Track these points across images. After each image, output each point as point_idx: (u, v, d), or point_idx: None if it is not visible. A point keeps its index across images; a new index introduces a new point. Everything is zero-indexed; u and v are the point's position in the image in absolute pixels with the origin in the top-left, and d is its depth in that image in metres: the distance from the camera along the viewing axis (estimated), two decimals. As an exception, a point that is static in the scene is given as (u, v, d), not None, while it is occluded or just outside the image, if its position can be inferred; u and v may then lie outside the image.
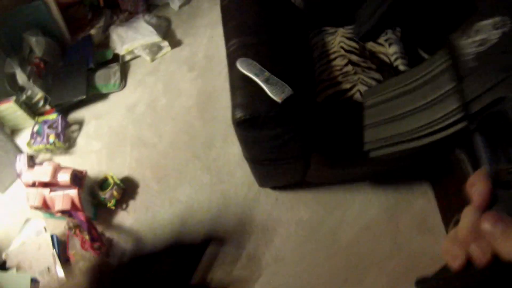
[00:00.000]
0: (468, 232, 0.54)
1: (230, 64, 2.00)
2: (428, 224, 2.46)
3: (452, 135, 1.18)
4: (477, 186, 0.56)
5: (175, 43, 3.78)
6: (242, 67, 1.88)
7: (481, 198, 0.55)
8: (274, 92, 1.76)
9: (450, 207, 2.35)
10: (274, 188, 2.73)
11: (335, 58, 2.28)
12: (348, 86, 2.15)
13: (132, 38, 3.68)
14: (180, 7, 4.09)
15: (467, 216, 0.56)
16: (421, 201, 2.53)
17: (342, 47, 2.30)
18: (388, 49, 2.37)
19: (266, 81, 1.80)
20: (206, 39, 3.71)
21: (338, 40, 2.35)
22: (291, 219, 2.62)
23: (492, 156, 0.59)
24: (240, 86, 1.89)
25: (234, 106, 1.84)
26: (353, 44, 2.31)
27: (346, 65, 2.23)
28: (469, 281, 0.54)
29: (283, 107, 1.76)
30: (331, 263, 2.44)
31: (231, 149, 2.95)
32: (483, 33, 0.79)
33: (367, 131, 1.52)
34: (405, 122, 1.37)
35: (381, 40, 2.38)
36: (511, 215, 0.50)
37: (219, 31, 2.35)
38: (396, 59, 2.30)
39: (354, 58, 2.25)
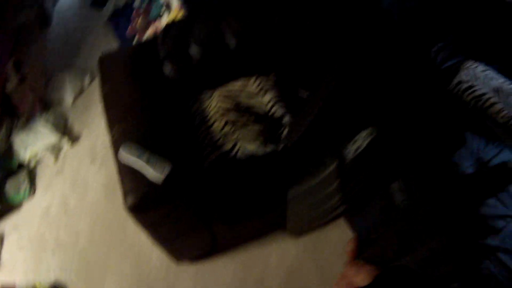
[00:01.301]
0: (341, 276, 0.93)
1: (115, 151, 2.05)
2: (349, 252, 2.51)
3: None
4: (348, 246, 1.01)
5: (74, 137, 3.80)
6: (124, 153, 1.95)
7: (350, 255, 0.99)
8: (156, 170, 1.83)
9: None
10: (192, 260, 2.73)
11: (214, 122, 2.36)
12: (230, 146, 2.22)
13: (33, 142, 3.67)
14: (74, 100, 4.13)
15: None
16: (337, 232, 2.58)
17: (219, 109, 2.39)
18: (263, 97, 2.47)
19: (147, 161, 1.87)
20: (102, 128, 3.50)
21: (214, 103, 2.44)
22: (216, 285, 2.65)
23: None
24: (127, 171, 1.94)
25: (124, 193, 1.88)
26: (228, 103, 2.41)
27: (224, 126, 2.31)
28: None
29: (166, 184, 1.82)
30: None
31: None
32: (358, 142, 1.03)
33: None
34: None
35: (255, 91, 2.49)
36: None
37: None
38: (272, 106, 2.42)
39: (232, 117, 2.34)
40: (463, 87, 3.04)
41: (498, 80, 3.16)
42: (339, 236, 2.58)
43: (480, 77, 3.14)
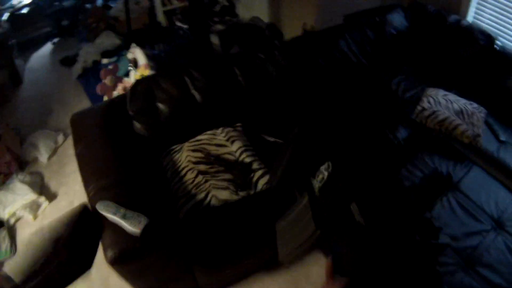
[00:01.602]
0: None
1: (92, 208, 2.12)
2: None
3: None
4: (326, 263, 1.19)
5: (51, 196, 3.83)
6: (101, 210, 2.03)
7: (327, 270, 1.17)
8: (132, 225, 1.93)
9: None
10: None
11: (186, 173, 2.48)
12: (203, 195, 2.36)
13: (11, 201, 3.70)
14: (49, 158, 4.19)
15: None
16: (316, 268, 2.71)
17: (189, 161, 2.52)
18: (231, 146, 2.62)
19: (124, 217, 1.96)
20: (79, 185, 3.61)
21: (185, 155, 2.56)
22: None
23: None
24: (105, 227, 2.03)
25: (104, 248, 1.97)
26: (198, 154, 2.54)
27: (196, 176, 2.44)
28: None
29: (144, 237, 1.92)
30: None
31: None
32: (321, 174, 1.16)
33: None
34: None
35: (223, 141, 2.64)
36: None
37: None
38: (241, 154, 2.58)
39: (202, 167, 2.48)
40: (426, 114, 3.23)
41: (459, 103, 3.34)
42: (319, 273, 2.70)
43: (441, 102, 3.33)
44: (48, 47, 6.48)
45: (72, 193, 3.80)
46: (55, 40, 6.59)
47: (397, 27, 4.09)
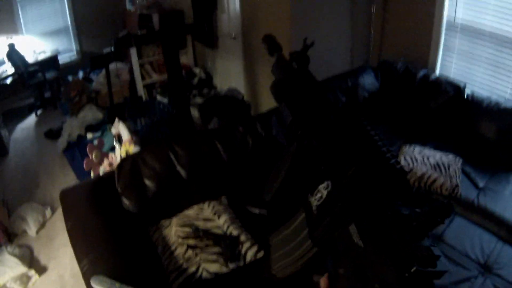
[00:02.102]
0: None
1: (87, 283, 2.17)
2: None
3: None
4: (322, 282, 1.23)
5: (41, 269, 3.82)
6: (96, 284, 2.08)
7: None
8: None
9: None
10: None
11: (176, 248, 2.57)
12: (194, 268, 2.45)
13: (1, 273, 3.67)
14: (38, 231, 4.22)
15: None
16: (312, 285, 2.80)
17: (179, 236, 2.61)
18: (219, 220, 2.74)
19: (118, 292, 2.09)
20: (69, 258, 3.76)
21: (174, 230, 2.66)
22: None
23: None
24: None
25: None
26: (187, 229, 2.63)
27: (186, 250, 2.54)
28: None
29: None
30: None
31: None
32: (320, 193, 1.29)
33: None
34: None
35: (210, 215, 2.78)
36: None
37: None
38: (228, 227, 2.68)
39: (191, 241, 2.58)
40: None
41: (435, 157, 3.52)
42: None
43: (418, 158, 3.53)
44: (32, 119, 6.62)
45: (62, 267, 3.80)
46: (39, 111, 6.73)
47: (369, 90, 4.29)
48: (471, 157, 3.71)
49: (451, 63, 4.44)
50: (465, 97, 4.03)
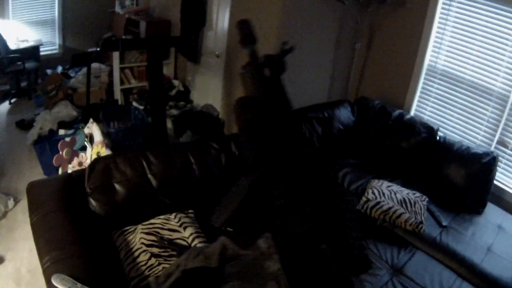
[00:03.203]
0: None
1: (47, 280, 2.14)
2: None
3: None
4: None
5: None
6: (57, 283, 2.07)
7: None
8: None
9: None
10: None
11: (139, 255, 2.57)
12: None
13: None
14: None
15: None
16: None
17: (143, 243, 2.62)
18: (184, 232, 2.76)
19: (79, 293, 2.09)
20: (27, 252, 3.75)
21: (138, 237, 2.66)
22: None
23: None
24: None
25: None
26: (152, 237, 2.65)
27: (149, 258, 2.54)
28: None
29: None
30: None
31: None
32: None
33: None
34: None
35: (176, 226, 2.79)
36: None
37: (38, 243, 2.50)
38: (193, 240, 2.71)
39: (155, 250, 2.58)
40: (371, 204, 3.46)
41: (402, 193, 3.62)
42: None
43: (385, 193, 3.60)
44: (5, 106, 6.58)
45: (19, 260, 3.75)
46: (13, 100, 6.70)
47: (343, 122, 4.41)
48: (437, 197, 3.86)
49: (427, 106, 4.62)
50: (437, 139, 4.18)
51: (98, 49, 4.64)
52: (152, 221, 2.83)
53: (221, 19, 5.40)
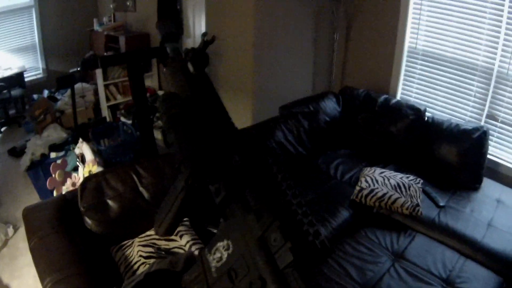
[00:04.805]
0: None
1: None
2: None
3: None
4: None
5: None
6: None
7: None
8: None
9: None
10: None
11: (138, 268, 2.59)
12: None
13: None
14: None
15: None
16: None
17: (141, 256, 2.63)
18: (181, 241, 2.78)
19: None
20: (32, 279, 3.74)
21: (136, 250, 2.68)
22: None
23: None
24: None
25: None
26: (149, 249, 2.67)
27: None
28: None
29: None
30: None
31: None
32: (219, 253, 1.19)
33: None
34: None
35: (172, 235, 2.82)
36: None
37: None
38: (190, 247, 2.72)
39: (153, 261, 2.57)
40: (365, 193, 3.49)
41: (396, 178, 3.64)
42: None
43: (378, 180, 3.63)
44: (-5, 136, 6.56)
45: (25, 287, 3.76)
46: (3, 128, 6.72)
47: (330, 114, 4.43)
48: (432, 178, 3.88)
49: (412, 88, 4.63)
50: (426, 119, 4.19)
51: (78, 69, 4.65)
52: (148, 233, 2.84)
53: (197, 26, 5.42)
